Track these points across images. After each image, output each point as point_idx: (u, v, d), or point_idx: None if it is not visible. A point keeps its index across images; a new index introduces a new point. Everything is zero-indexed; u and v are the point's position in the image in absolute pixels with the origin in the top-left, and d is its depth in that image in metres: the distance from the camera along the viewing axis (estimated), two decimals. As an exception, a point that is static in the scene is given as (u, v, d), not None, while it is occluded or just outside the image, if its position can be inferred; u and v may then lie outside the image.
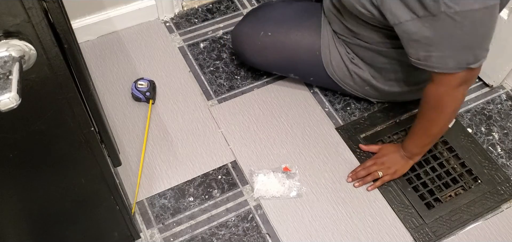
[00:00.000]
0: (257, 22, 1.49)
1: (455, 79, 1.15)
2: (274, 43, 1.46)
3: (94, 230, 1.15)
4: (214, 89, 1.61)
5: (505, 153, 1.50)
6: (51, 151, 0.87)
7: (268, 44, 1.46)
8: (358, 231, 1.33)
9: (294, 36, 1.44)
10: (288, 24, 1.46)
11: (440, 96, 1.21)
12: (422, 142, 1.35)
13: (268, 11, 1.52)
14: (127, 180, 1.38)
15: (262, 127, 1.52)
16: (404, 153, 1.38)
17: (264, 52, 1.48)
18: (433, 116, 1.26)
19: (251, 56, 1.51)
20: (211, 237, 1.30)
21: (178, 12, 1.82)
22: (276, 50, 1.47)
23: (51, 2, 0.68)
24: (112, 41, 1.71)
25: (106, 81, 1.60)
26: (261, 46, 1.47)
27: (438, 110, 1.24)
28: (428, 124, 1.29)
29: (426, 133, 1.32)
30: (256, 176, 1.39)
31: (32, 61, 0.68)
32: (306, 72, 1.51)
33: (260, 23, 1.48)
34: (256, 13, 1.54)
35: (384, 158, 1.40)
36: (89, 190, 1.01)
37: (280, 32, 1.45)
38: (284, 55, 1.47)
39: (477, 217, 1.36)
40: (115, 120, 1.51)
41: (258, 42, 1.47)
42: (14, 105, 0.59)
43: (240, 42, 1.52)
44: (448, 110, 1.25)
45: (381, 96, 1.51)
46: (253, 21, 1.51)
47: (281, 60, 1.49)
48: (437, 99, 1.22)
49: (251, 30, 1.49)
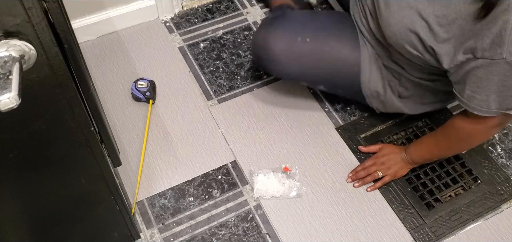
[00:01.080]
0: (291, 27, 1.31)
1: (492, 122, 1.13)
2: (313, 51, 1.30)
3: (94, 230, 1.15)
4: (214, 89, 1.61)
5: (505, 153, 1.50)
6: (51, 151, 0.87)
7: (307, 51, 1.29)
8: (358, 231, 1.33)
9: (334, 44, 1.31)
10: (326, 31, 1.32)
11: (472, 133, 1.19)
12: (428, 157, 1.36)
13: (300, 18, 1.36)
14: (127, 180, 1.38)
15: (262, 127, 1.52)
16: (406, 156, 1.37)
17: (302, 61, 1.30)
18: (454, 145, 1.26)
19: (286, 65, 1.31)
20: (211, 237, 1.30)
21: (178, 12, 1.82)
22: (314, 59, 1.31)
23: (51, 2, 0.68)
24: (112, 41, 1.71)
25: (106, 81, 1.60)
26: (299, 54, 1.29)
27: (463, 143, 1.24)
28: (444, 147, 1.28)
29: (437, 153, 1.32)
30: (256, 176, 1.39)
31: (32, 61, 0.68)
32: (339, 85, 1.40)
33: (296, 28, 1.31)
34: (286, 18, 1.34)
35: (384, 158, 1.40)
36: (89, 190, 1.01)
37: (319, 38, 1.30)
38: (323, 66, 1.32)
39: (477, 217, 1.36)
40: (115, 120, 1.51)
41: (296, 49, 1.28)
42: (14, 105, 0.59)
43: (271, 49, 1.30)
44: (472, 145, 1.25)
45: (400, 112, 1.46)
46: (286, 26, 1.31)
47: (318, 70, 1.34)
48: (468, 135, 1.20)
49: (287, 35, 1.29)
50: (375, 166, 1.39)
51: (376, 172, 1.38)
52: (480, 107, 1.10)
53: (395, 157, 1.39)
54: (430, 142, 1.32)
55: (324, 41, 1.31)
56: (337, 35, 1.33)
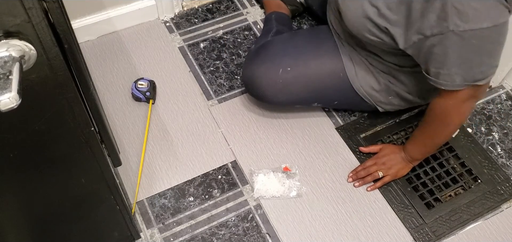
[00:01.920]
0: (272, 60, 1.40)
1: (462, 95, 1.15)
2: (296, 77, 1.38)
3: (94, 230, 1.15)
4: (214, 89, 1.61)
5: (505, 153, 1.50)
6: (51, 151, 0.87)
7: (290, 80, 1.38)
8: (358, 231, 1.33)
9: (314, 65, 1.39)
10: (305, 55, 1.40)
11: (447, 110, 1.21)
12: (424, 149, 1.36)
13: (279, 47, 1.44)
14: (127, 180, 1.38)
15: (262, 127, 1.52)
16: (405, 155, 1.38)
17: (288, 89, 1.39)
18: (438, 127, 1.27)
19: (273, 97, 1.41)
20: (211, 237, 1.30)
21: (178, 12, 1.82)
22: (299, 84, 1.39)
23: (51, 2, 0.68)
24: (112, 41, 1.71)
25: (106, 81, 1.60)
26: (283, 84, 1.38)
27: (444, 123, 1.25)
28: (432, 133, 1.30)
29: (429, 142, 1.33)
30: (256, 175, 1.39)
31: (32, 61, 0.68)
32: (331, 98, 1.45)
33: (276, 61, 1.39)
34: (267, 51, 1.44)
35: (384, 158, 1.40)
36: (89, 190, 1.01)
37: (299, 64, 1.38)
38: (309, 87, 1.40)
39: (477, 217, 1.36)
40: (115, 120, 1.51)
41: (279, 80, 1.38)
42: (14, 106, 0.59)
43: (258, 86, 1.41)
44: (453, 123, 1.26)
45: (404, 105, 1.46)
46: (266, 61, 1.41)
47: (305, 93, 1.42)
48: (444, 113, 1.22)
49: (269, 70, 1.39)
50: (375, 166, 1.39)
51: (377, 172, 1.38)
52: (446, 82, 1.13)
53: (395, 156, 1.39)
54: (419, 133, 1.34)
55: (305, 65, 1.39)
56: (315, 53, 1.40)
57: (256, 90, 1.43)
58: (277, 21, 1.67)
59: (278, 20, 1.68)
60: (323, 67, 1.39)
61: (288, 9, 1.76)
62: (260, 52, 1.45)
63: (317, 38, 1.45)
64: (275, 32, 1.61)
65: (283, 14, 1.73)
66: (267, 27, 1.68)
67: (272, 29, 1.63)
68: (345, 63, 1.37)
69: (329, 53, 1.39)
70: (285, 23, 1.69)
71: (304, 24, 1.82)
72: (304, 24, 1.82)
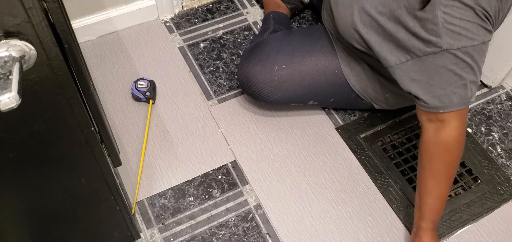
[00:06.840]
0: (267, 58, 1.40)
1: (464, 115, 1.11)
2: (291, 74, 1.39)
3: (94, 230, 1.15)
4: (214, 89, 1.61)
5: (505, 153, 1.50)
6: (51, 151, 0.87)
7: (285, 77, 1.39)
8: (358, 231, 1.33)
9: (309, 62, 1.39)
10: (300, 52, 1.40)
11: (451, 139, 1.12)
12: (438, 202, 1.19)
13: (274, 45, 1.44)
14: (127, 180, 1.38)
15: (262, 127, 1.52)
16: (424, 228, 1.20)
17: (283, 86, 1.40)
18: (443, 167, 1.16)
19: (269, 94, 1.41)
20: (211, 237, 1.31)
21: (178, 12, 1.82)
22: (294, 81, 1.39)
23: (51, 2, 0.68)
24: (112, 41, 1.71)
25: (106, 81, 1.60)
26: (279, 81, 1.39)
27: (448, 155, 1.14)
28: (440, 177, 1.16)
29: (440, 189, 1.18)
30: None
31: (32, 61, 0.68)
32: (327, 95, 1.44)
33: (271, 58, 1.40)
34: (262, 49, 1.44)
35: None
36: (89, 190, 1.01)
37: (294, 62, 1.39)
38: (304, 84, 1.40)
39: (477, 217, 1.36)
40: (115, 120, 1.51)
41: (275, 78, 1.38)
42: (14, 105, 0.59)
43: (254, 84, 1.41)
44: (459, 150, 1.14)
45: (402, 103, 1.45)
46: (262, 59, 1.41)
47: (301, 90, 1.42)
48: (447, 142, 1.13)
49: (264, 68, 1.40)
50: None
51: None
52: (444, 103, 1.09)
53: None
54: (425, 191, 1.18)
55: (300, 62, 1.39)
56: (310, 50, 1.40)
57: (252, 88, 1.43)
58: (275, 21, 1.68)
59: (276, 20, 1.68)
60: (318, 63, 1.39)
61: (287, 8, 1.76)
62: (255, 51, 1.45)
63: (312, 35, 1.45)
64: (272, 32, 1.61)
65: (282, 14, 1.73)
66: (264, 26, 1.68)
67: (268, 28, 1.64)
68: (340, 60, 1.38)
69: (324, 50, 1.40)
70: (283, 23, 1.69)
71: (304, 23, 1.82)
72: (304, 24, 1.82)
